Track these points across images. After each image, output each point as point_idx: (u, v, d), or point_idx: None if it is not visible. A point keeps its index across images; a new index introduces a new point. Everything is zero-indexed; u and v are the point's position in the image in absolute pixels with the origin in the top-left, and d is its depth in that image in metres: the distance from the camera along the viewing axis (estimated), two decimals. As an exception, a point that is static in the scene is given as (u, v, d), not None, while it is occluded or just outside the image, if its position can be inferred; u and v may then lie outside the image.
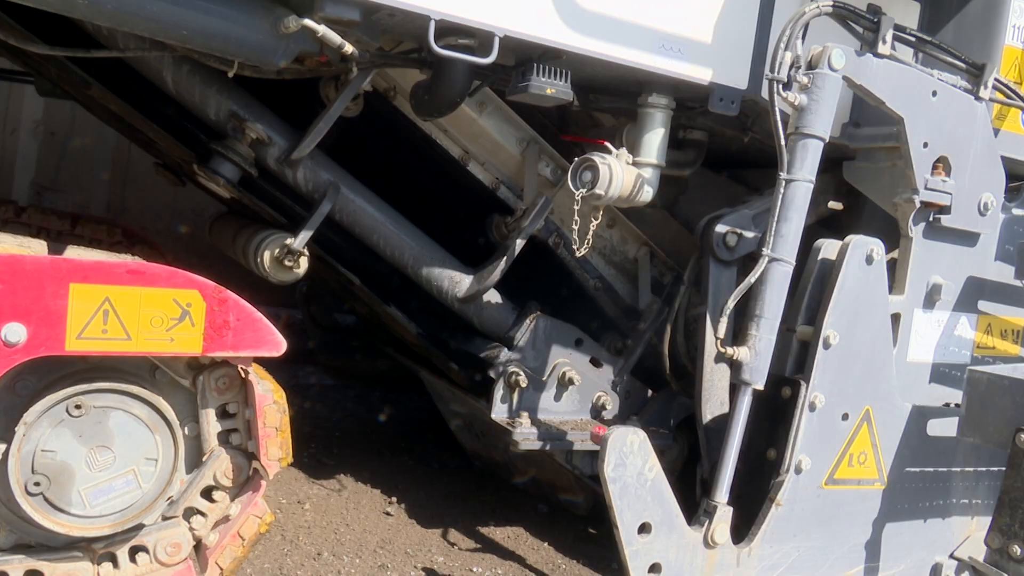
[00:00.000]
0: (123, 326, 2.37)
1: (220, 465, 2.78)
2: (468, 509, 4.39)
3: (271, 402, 2.70)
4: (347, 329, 6.01)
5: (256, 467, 2.81)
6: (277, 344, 2.60)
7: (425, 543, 3.93)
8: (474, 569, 3.76)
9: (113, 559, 2.73)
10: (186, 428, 2.73)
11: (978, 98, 3.46)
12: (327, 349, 6.20)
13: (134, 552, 2.75)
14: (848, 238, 3.28)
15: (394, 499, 4.35)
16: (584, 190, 3.32)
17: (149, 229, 6.94)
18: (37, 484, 2.47)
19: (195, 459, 2.78)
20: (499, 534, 4.18)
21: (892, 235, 3.58)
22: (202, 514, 2.83)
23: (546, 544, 4.13)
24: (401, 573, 3.62)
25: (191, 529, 2.82)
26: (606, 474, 2.89)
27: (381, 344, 5.33)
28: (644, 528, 3.00)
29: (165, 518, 2.78)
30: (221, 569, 2.79)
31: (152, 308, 2.40)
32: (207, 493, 2.83)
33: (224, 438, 2.80)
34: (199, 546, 2.85)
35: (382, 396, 6.22)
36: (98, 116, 4.90)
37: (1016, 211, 3.78)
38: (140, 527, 2.71)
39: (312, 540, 3.79)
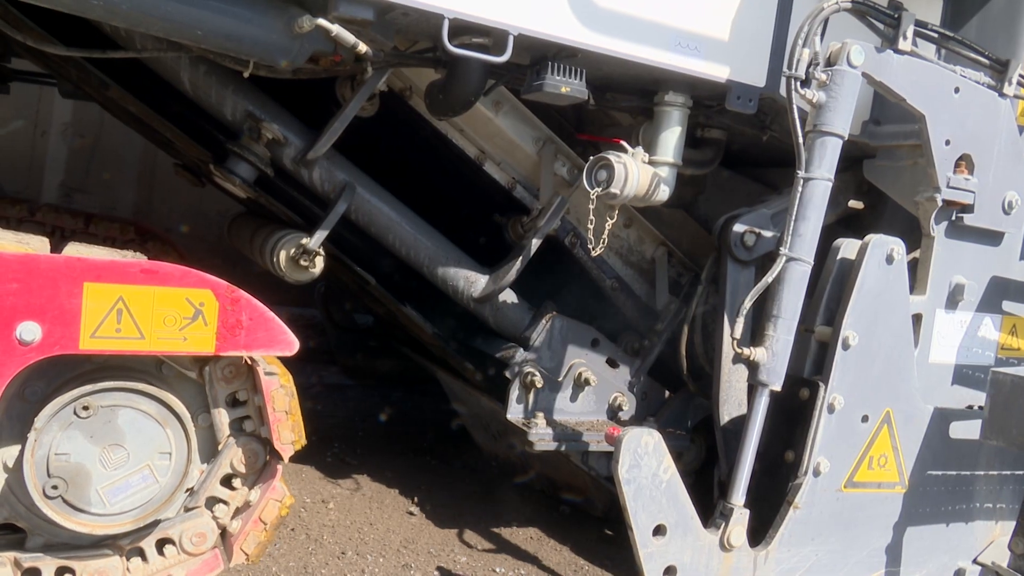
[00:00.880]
0: (136, 325, 2.37)
1: (235, 453, 2.79)
2: (490, 509, 4.39)
3: (278, 387, 2.70)
4: (365, 329, 6.02)
5: (271, 452, 2.81)
6: (290, 343, 2.60)
7: (448, 543, 3.94)
8: (497, 569, 3.77)
9: (141, 553, 2.76)
10: (199, 419, 2.74)
11: (1002, 95, 3.40)
12: (345, 349, 6.22)
13: (161, 545, 2.77)
14: (868, 237, 3.23)
15: (417, 499, 4.37)
16: (599, 189, 3.30)
17: (176, 230, 7.02)
18: (55, 487, 2.49)
19: (211, 449, 2.79)
20: (521, 535, 4.18)
21: (915, 234, 3.52)
22: (224, 502, 2.84)
23: (568, 546, 4.11)
24: (424, 572, 3.63)
25: (215, 518, 2.83)
26: (620, 475, 2.87)
27: (398, 344, 5.33)
28: (659, 530, 2.97)
29: (188, 509, 2.80)
30: (247, 555, 2.80)
31: (165, 307, 2.40)
32: (226, 481, 2.84)
33: (237, 426, 2.80)
34: (224, 534, 2.86)
35: (403, 396, 6.23)
36: (119, 118, 4.93)
37: (1042, 210, 3.71)
38: (163, 520, 2.73)
39: (336, 539, 3.82)
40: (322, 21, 2.76)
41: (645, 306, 4.20)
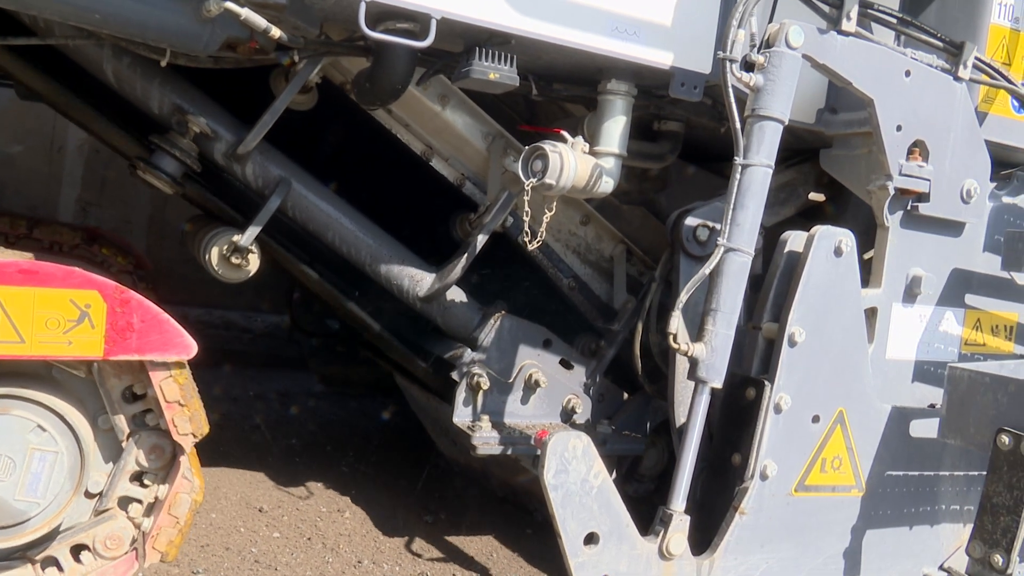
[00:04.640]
0: (15, 328, 2.24)
1: (113, 370, 2.58)
2: (507, 516, 4.32)
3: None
4: (332, 334, 5.89)
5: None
6: (186, 346, 2.46)
7: (464, 550, 3.87)
8: (513, 577, 3.71)
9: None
10: (53, 371, 2.57)
11: (957, 78, 3.25)
12: (318, 356, 6.09)
13: (135, 478, 2.70)
14: (814, 229, 3.09)
15: (433, 506, 4.31)
16: (534, 180, 3.16)
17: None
18: None
19: (95, 397, 2.62)
20: (537, 541, 4.09)
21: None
22: (149, 411, 2.69)
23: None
24: (440, 581, 3.58)
25: (158, 429, 2.68)
26: (546, 480, 2.72)
27: (360, 347, 5.20)
28: (591, 538, 2.82)
29: (136, 429, 2.66)
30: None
31: (47, 309, 2.27)
32: (128, 395, 2.66)
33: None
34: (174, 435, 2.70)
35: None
36: (72, 120, 4.84)
37: (1006, 199, 3.55)
38: (103, 468, 2.65)
39: (352, 548, 3.76)
40: (230, 4, 2.64)
41: (604, 306, 4.06)
